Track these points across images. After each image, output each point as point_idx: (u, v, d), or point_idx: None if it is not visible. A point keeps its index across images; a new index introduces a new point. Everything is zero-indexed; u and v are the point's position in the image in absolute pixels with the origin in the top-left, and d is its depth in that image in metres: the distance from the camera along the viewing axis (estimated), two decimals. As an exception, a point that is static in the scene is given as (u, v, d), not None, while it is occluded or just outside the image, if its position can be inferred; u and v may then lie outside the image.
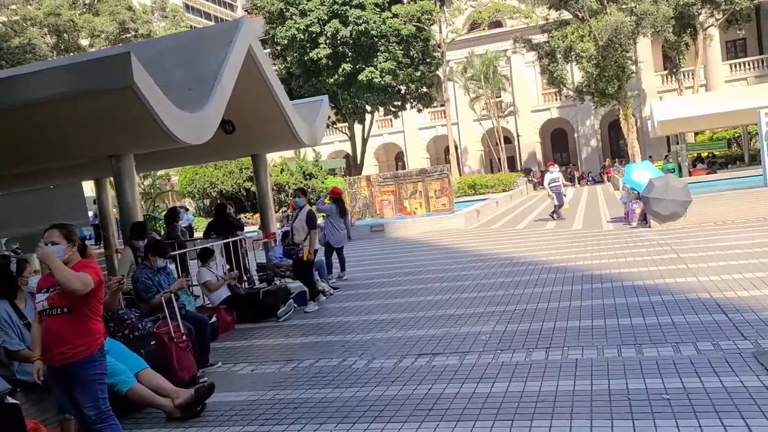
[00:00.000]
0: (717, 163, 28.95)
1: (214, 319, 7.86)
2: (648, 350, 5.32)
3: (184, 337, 5.95)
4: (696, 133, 35.58)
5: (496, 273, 10.09)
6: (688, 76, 41.87)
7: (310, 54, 32.49)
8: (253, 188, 30.00)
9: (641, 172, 14.81)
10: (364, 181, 26.33)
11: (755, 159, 27.99)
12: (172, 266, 9.13)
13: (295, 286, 9.42)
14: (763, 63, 43.26)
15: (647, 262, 9.24)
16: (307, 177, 29.83)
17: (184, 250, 9.30)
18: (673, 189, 13.14)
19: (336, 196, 11.25)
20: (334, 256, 11.50)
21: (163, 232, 14.21)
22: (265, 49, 38.32)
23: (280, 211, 23.67)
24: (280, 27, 32.94)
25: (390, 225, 20.52)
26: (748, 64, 43.71)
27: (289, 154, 32.10)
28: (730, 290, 6.92)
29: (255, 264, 11.13)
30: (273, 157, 35.61)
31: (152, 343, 5.78)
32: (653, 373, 4.77)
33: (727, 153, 31.43)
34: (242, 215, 28.63)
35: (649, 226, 13.70)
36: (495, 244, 14.16)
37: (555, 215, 17.93)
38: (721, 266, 8.26)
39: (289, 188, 29.48)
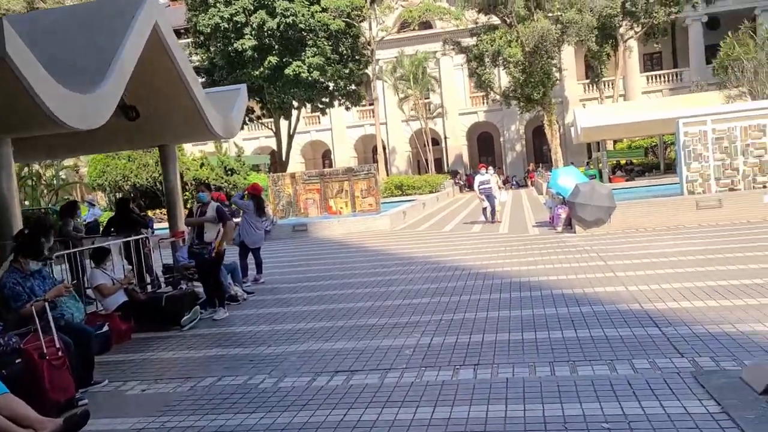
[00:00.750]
0: (635, 170, 29.87)
1: (106, 328, 6.94)
2: (582, 368, 4.91)
3: (59, 353, 5.07)
4: (615, 142, 36.73)
5: (423, 278, 9.61)
6: (609, 85, 43.27)
7: (235, 44, 31.19)
8: (171, 183, 28.55)
9: (567, 178, 14.78)
10: (288, 179, 25.50)
11: (670, 168, 29.07)
12: (63, 267, 8.14)
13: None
14: (677, 76, 45.31)
15: (575, 270, 8.99)
16: (229, 173, 28.59)
17: (76, 249, 8.28)
18: (598, 195, 13.12)
19: (255, 193, 10.47)
20: (250, 258, 10.71)
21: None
22: (187, 38, 36.63)
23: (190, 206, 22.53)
24: (202, 14, 31.46)
25: (314, 225, 19.80)
26: (664, 77, 45.69)
27: (211, 148, 30.75)
28: (660, 301, 6.68)
29: (162, 265, 10.17)
30: (193, 151, 34.11)
31: (17, 361, 4.88)
32: (590, 396, 4.34)
33: (644, 161, 32.54)
34: (157, 211, 27.08)
35: (574, 232, 13.64)
36: (422, 247, 13.74)
37: (489, 218, 17.70)
38: (648, 275, 8.08)
39: (210, 184, 28.16)
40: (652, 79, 45.66)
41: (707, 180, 15.75)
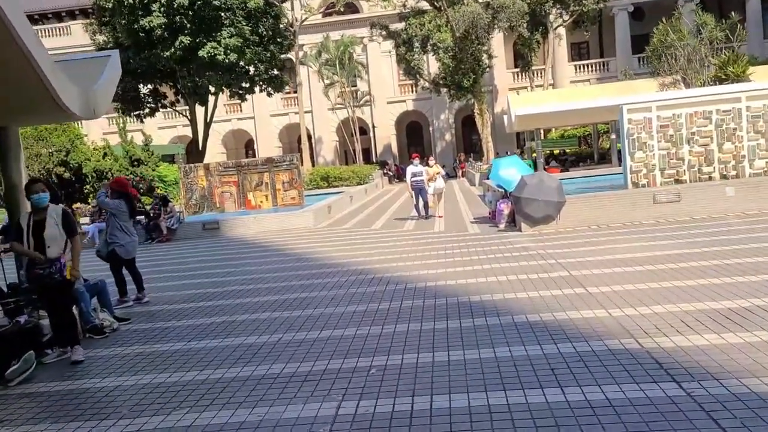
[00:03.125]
0: (568, 160, 29.02)
1: None
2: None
3: None
4: (545, 131, 36.02)
5: (345, 296, 7.70)
6: (539, 74, 42.69)
7: (142, 22, 28.11)
8: (67, 174, 25.39)
9: (510, 169, 13.22)
10: (201, 170, 22.98)
11: (604, 157, 28.42)
12: None
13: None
14: (604, 66, 45.29)
15: (535, 284, 7.32)
16: (135, 163, 25.68)
17: None
18: (547, 188, 11.60)
19: (121, 189, 8.19)
20: (125, 272, 8.47)
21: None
22: (90, 18, 33.06)
23: (91, 204, 19.72)
24: (104, -13, 28.19)
25: (227, 222, 17.52)
26: (592, 66, 45.57)
27: (116, 138, 27.66)
28: (660, 333, 5.06)
29: (6, 285, 7.78)
30: (95, 140, 30.79)
31: None
32: None
33: (577, 151, 31.82)
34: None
35: (520, 230, 12.11)
36: (346, 249, 11.83)
37: (423, 213, 15.97)
38: (628, 291, 6.49)
39: (113, 175, 25.17)
40: (580, 68, 45.47)
41: (652, 171, 14.66)
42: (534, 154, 26.72)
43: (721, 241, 8.94)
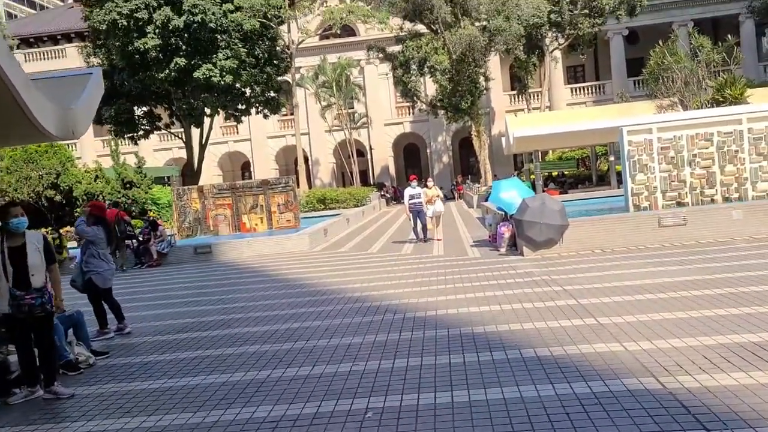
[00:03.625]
0: (567, 182, 28.72)
1: None
2: None
3: None
4: (543, 153, 35.81)
5: (340, 326, 7.25)
6: (535, 97, 42.65)
7: (136, 44, 27.90)
8: (57, 197, 24.95)
9: (510, 191, 12.85)
10: (195, 192, 22.59)
11: (602, 179, 28.13)
12: None
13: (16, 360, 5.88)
14: (599, 89, 45.33)
15: (542, 312, 6.89)
16: (127, 186, 25.24)
17: None
18: (550, 212, 11.22)
19: (99, 214, 7.75)
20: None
21: None
22: (85, 41, 32.86)
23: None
24: (98, 10, 27.96)
25: (219, 246, 17.06)
26: (587, 89, 45.60)
27: (110, 160, 27.24)
28: (682, 371, 4.62)
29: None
30: (86, 162, 30.42)
31: None
32: None
33: (576, 173, 31.55)
34: (42, 230, 23.45)
35: (521, 254, 11.70)
36: (342, 275, 11.38)
37: (421, 236, 15.57)
38: (642, 322, 6.07)
39: (104, 199, 24.73)
40: (576, 91, 45.49)
41: (653, 193, 14.35)
42: (532, 176, 26.42)
43: (733, 267, 8.54)
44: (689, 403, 4.03)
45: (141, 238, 16.95)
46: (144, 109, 33.77)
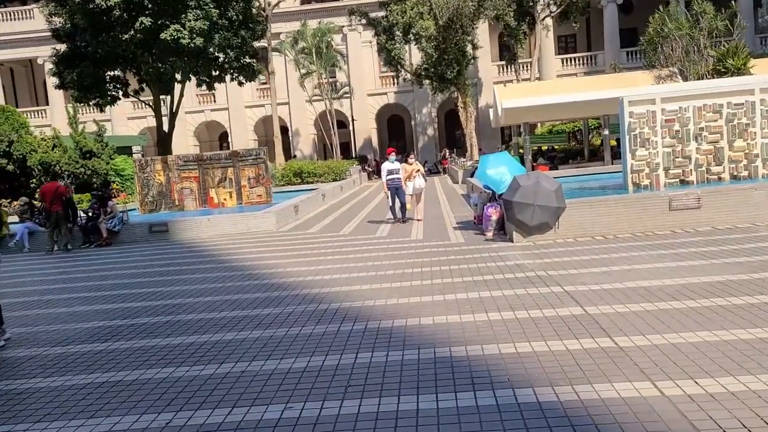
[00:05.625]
0: (557, 157, 27.24)
1: None
2: None
3: None
4: (533, 126, 34.26)
5: (285, 339, 5.70)
6: (525, 67, 40.93)
7: (97, 0, 25.72)
8: (10, 167, 23.06)
9: (499, 167, 11.29)
10: (159, 164, 20.89)
11: (595, 154, 26.67)
12: None
13: None
14: (591, 59, 43.69)
15: (539, 325, 5.39)
16: (87, 156, 23.37)
17: None
18: (544, 192, 9.69)
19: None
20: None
21: None
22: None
23: (19, 200, 17.45)
24: (54, -37, 25.74)
25: (177, 224, 15.40)
26: (578, 60, 43.94)
27: (66, 127, 25.27)
28: (739, 425, 3.16)
29: None
30: (44, 130, 28.39)
31: None
32: None
33: (566, 147, 30.04)
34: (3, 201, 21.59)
35: (511, 240, 10.21)
36: (305, 263, 9.82)
37: (399, 216, 14.07)
38: (675, 346, 4.58)
39: (61, 169, 22.86)
40: (567, 61, 43.82)
41: (655, 170, 12.96)
42: (521, 150, 24.88)
43: (766, 262, 7.10)
44: None
45: (90, 215, 15.25)
46: (110, 73, 31.62)
